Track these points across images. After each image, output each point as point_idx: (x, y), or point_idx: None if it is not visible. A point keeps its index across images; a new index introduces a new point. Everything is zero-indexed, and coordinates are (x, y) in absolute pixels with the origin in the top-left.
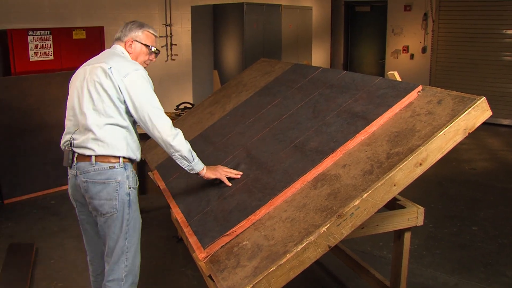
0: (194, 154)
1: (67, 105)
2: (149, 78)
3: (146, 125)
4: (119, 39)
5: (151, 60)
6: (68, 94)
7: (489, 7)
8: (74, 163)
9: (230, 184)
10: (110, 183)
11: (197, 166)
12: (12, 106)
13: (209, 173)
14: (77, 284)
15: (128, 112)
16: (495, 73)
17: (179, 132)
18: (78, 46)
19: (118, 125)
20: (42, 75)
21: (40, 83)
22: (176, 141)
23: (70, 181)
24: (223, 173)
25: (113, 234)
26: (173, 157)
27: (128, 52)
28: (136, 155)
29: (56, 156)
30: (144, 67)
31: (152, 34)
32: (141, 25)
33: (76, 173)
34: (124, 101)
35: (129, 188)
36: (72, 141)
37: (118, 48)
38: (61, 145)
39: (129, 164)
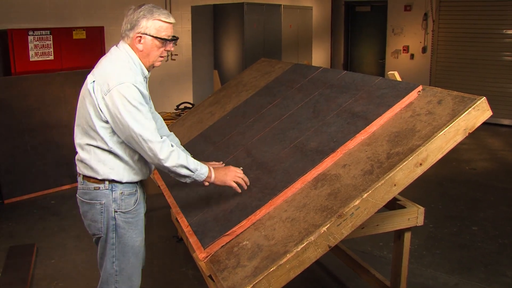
0: (193, 163)
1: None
2: (138, 87)
3: (136, 147)
4: (125, 35)
5: (168, 50)
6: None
7: (489, 7)
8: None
9: (240, 191)
10: (95, 205)
11: (200, 176)
12: (12, 106)
13: (218, 181)
14: (78, 284)
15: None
16: (495, 73)
17: (172, 152)
18: (78, 46)
19: (99, 147)
20: (42, 75)
21: (40, 83)
22: (170, 163)
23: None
24: (232, 178)
25: (102, 254)
26: (171, 175)
27: (137, 49)
28: (128, 176)
29: (56, 156)
30: (160, 61)
31: (165, 22)
32: (150, 12)
33: (78, 185)
34: (107, 121)
35: (115, 212)
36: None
37: (121, 47)
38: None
39: (118, 186)
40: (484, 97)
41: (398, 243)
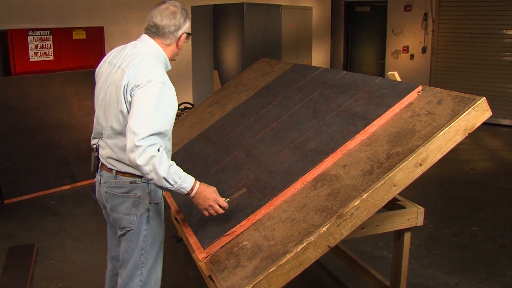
0: (175, 178)
1: (96, 105)
2: (169, 84)
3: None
4: (155, 34)
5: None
6: (96, 88)
7: (489, 7)
8: (99, 169)
9: (207, 215)
10: (130, 198)
11: (181, 191)
12: (12, 106)
13: (195, 200)
14: (78, 284)
15: None
16: (495, 73)
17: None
18: (78, 46)
19: None
20: (42, 75)
21: (40, 83)
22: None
23: (96, 185)
24: (206, 207)
25: (129, 248)
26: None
27: (169, 46)
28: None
29: (56, 157)
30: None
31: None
32: (179, 13)
33: (100, 180)
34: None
35: (150, 203)
36: (98, 147)
37: (151, 45)
38: (91, 141)
39: None
40: (484, 97)
41: (398, 243)
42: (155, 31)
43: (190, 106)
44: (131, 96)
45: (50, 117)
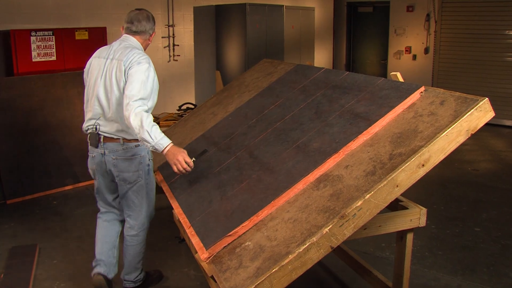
0: (156, 134)
1: (88, 94)
2: (152, 66)
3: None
4: (135, 32)
5: None
6: (86, 85)
7: (492, 8)
8: (101, 143)
9: (176, 171)
10: (136, 158)
11: (159, 146)
12: (14, 107)
13: (167, 157)
14: (80, 284)
15: None
16: (498, 74)
17: (145, 115)
18: (81, 47)
19: None
20: (44, 75)
21: (42, 83)
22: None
23: (95, 158)
24: (175, 162)
25: (139, 196)
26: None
27: (145, 41)
28: None
29: (58, 157)
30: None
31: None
32: (151, 17)
33: (104, 152)
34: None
35: (149, 160)
36: (98, 126)
37: (133, 41)
38: (83, 127)
39: None
40: (487, 98)
41: (400, 244)
42: (135, 30)
43: (192, 106)
44: (126, 75)
45: (53, 118)
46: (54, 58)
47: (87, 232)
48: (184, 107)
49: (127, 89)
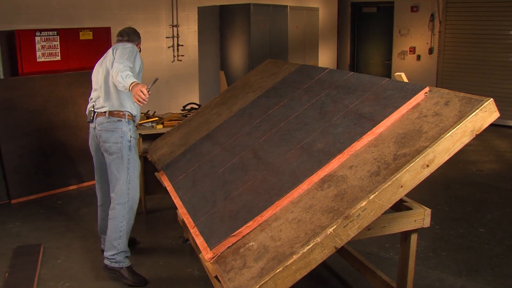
0: (125, 77)
1: (92, 82)
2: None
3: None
4: (127, 41)
5: None
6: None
7: (497, 8)
8: (95, 119)
9: (136, 101)
10: (118, 131)
11: (127, 83)
12: (19, 107)
13: (132, 92)
14: (84, 283)
15: None
16: (502, 74)
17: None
18: (85, 47)
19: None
20: (49, 75)
21: (47, 83)
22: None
23: (90, 134)
24: (134, 94)
25: (119, 169)
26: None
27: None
28: (138, 113)
29: (62, 157)
30: None
31: None
32: (136, 32)
33: (95, 126)
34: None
35: (130, 137)
36: (95, 104)
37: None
38: (86, 110)
39: (131, 121)
40: (492, 99)
41: (404, 244)
42: (126, 39)
43: (196, 106)
44: (114, 54)
45: (57, 118)
46: (58, 58)
47: (91, 231)
48: (188, 107)
49: (115, 59)
